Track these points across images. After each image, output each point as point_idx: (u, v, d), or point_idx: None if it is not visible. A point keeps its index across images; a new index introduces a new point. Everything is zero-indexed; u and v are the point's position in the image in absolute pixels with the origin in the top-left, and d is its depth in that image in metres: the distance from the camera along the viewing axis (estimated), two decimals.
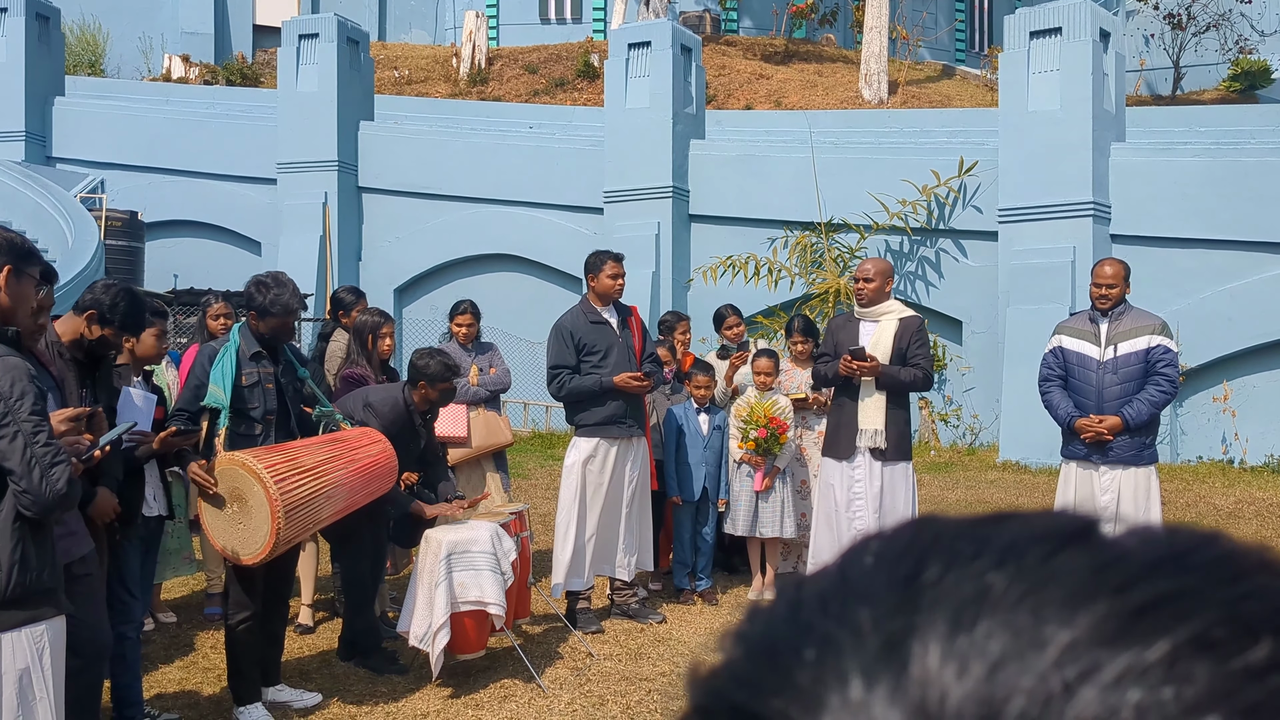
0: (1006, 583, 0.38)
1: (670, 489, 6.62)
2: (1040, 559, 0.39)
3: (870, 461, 6.05)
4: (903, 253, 14.10)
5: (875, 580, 0.40)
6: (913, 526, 0.43)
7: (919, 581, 0.39)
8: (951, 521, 0.43)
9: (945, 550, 0.40)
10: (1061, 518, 0.42)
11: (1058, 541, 0.40)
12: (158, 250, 17.68)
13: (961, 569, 0.39)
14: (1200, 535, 0.41)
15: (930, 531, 0.42)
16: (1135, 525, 0.42)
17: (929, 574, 0.39)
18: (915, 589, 0.39)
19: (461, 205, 16.74)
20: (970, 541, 0.40)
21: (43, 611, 2.96)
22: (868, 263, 6.25)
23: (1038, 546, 0.39)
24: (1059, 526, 0.41)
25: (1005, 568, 0.38)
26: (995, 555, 0.39)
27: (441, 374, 5.34)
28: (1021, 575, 0.38)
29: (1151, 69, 24.76)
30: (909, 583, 0.39)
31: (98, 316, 3.97)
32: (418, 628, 4.91)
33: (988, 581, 0.38)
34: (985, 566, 0.39)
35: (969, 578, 0.38)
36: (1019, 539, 0.40)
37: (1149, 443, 5.73)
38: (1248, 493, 10.24)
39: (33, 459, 2.86)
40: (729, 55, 23.98)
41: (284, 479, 4.25)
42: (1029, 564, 0.38)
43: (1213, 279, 12.22)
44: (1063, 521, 0.41)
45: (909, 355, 5.99)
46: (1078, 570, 0.38)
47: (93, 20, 26.90)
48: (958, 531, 0.41)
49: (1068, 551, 0.39)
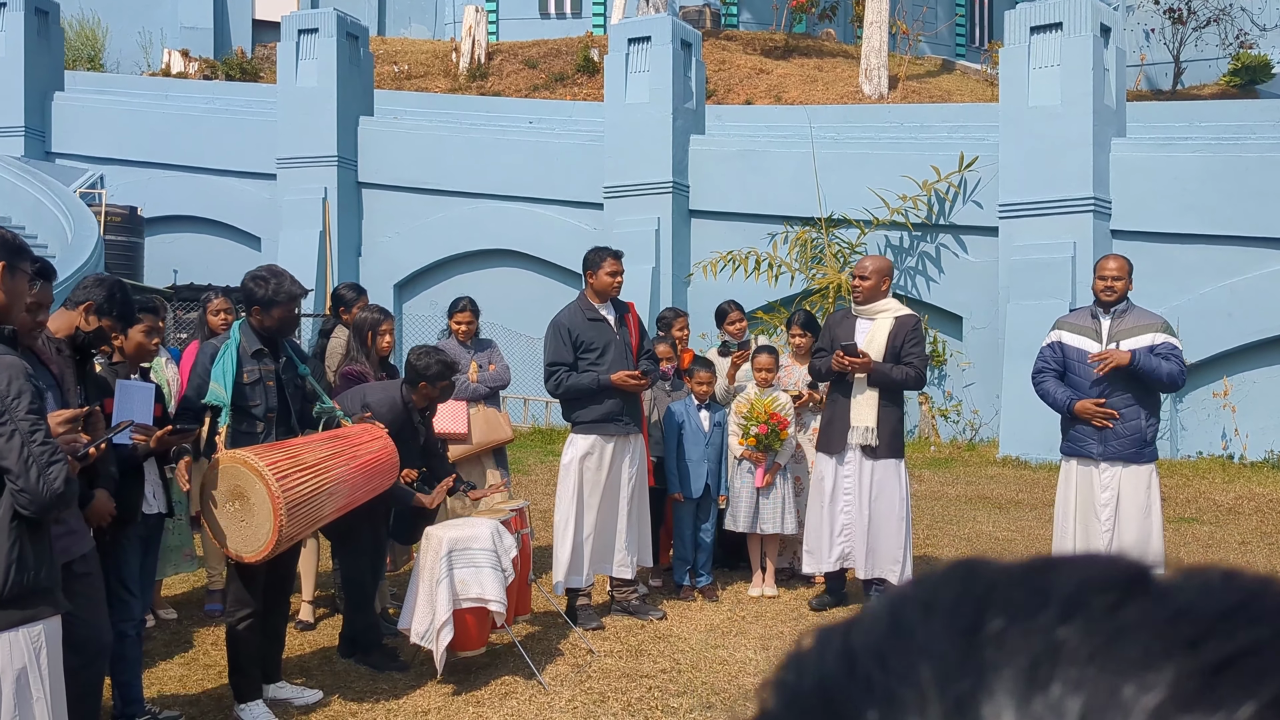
0: (1078, 638, 0.36)
1: (672, 486, 6.61)
2: (1105, 611, 0.37)
3: (860, 458, 6.08)
4: (903, 248, 14.09)
5: (933, 632, 0.38)
6: (961, 572, 0.41)
7: (981, 635, 0.37)
8: (1000, 568, 0.41)
9: (1004, 601, 0.38)
10: (1115, 565, 0.40)
11: (1119, 591, 0.38)
12: (157, 245, 17.68)
13: (1026, 622, 0.37)
14: (1257, 581, 0.40)
15: (982, 579, 0.40)
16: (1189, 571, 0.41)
17: (991, 626, 0.37)
18: (978, 643, 0.37)
19: (461, 201, 16.73)
20: (1028, 591, 0.39)
21: (40, 611, 2.96)
22: (866, 260, 6.27)
23: (1100, 597, 0.38)
24: (1116, 575, 0.39)
25: (1073, 621, 0.37)
26: (1059, 607, 0.37)
27: (439, 373, 5.33)
28: (1090, 630, 0.36)
29: (1152, 64, 24.73)
30: (971, 636, 0.37)
31: (95, 307, 3.98)
32: (419, 625, 4.91)
33: (1058, 636, 0.36)
34: (1052, 620, 0.37)
35: (1036, 632, 0.37)
36: (1079, 589, 0.38)
37: (1149, 440, 5.73)
38: (1248, 488, 10.24)
39: (30, 458, 2.85)
40: (729, 50, 23.95)
41: (286, 476, 4.24)
42: (1095, 617, 0.37)
43: (1213, 274, 12.21)
44: (1118, 569, 0.40)
45: (903, 353, 6.03)
46: (1146, 624, 0.37)
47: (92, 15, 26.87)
48: (1012, 580, 0.40)
49: (1132, 603, 0.38)
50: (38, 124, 18.79)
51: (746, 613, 6.26)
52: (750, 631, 5.87)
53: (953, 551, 7.71)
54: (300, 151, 16.99)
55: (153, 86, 22.66)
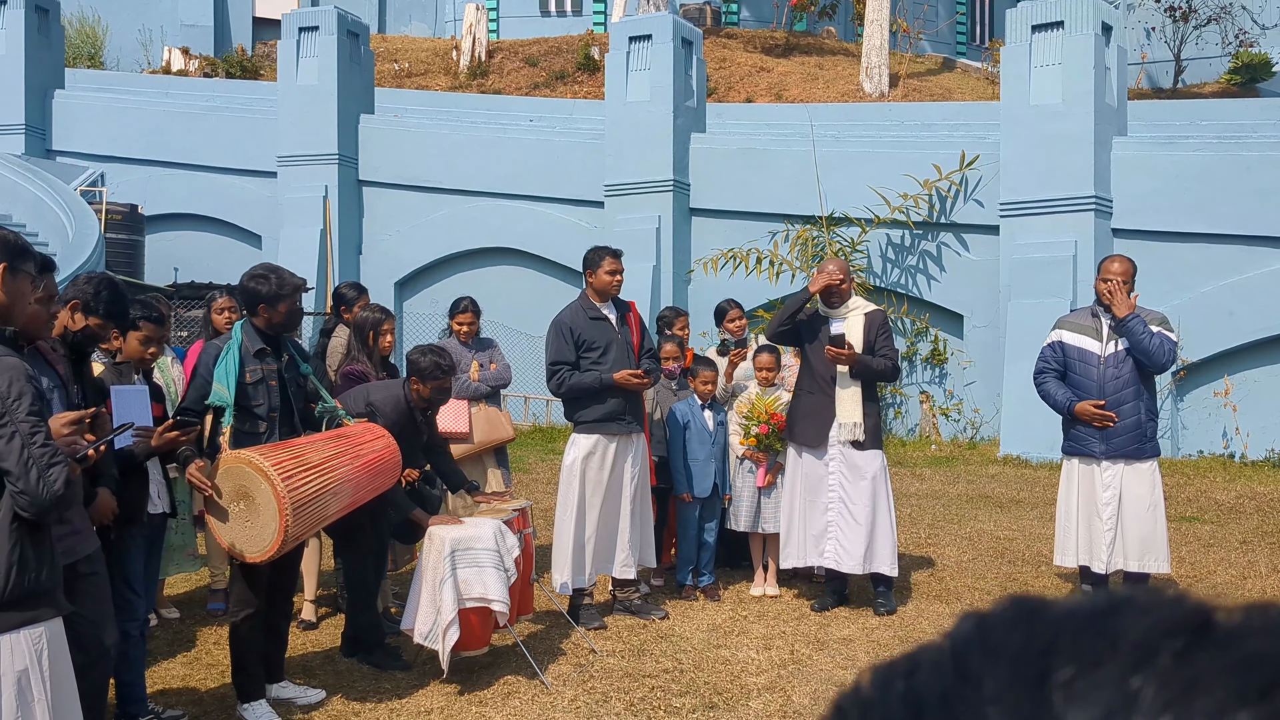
0: (1152, 689, 0.36)
1: (678, 486, 6.61)
2: (1174, 659, 0.37)
3: (843, 453, 6.12)
4: (904, 246, 14.08)
5: (1001, 680, 0.38)
6: (1022, 614, 0.41)
7: (1050, 683, 0.37)
8: (1063, 610, 0.41)
9: (1071, 647, 0.38)
10: (1179, 607, 0.40)
11: (1187, 636, 0.38)
12: (158, 243, 17.67)
13: (1096, 671, 0.37)
14: None
15: (1046, 622, 0.40)
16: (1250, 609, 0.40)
17: (1060, 675, 0.37)
18: (1048, 692, 0.37)
19: (462, 199, 16.72)
20: (1095, 636, 0.38)
21: (41, 613, 2.96)
22: (831, 264, 6.33)
23: (1168, 643, 0.38)
24: (1182, 619, 0.39)
25: (1143, 670, 0.36)
26: (1129, 655, 0.37)
27: (430, 370, 5.33)
28: (1163, 679, 0.36)
29: (1152, 62, 24.72)
30: (1040, 685, 0.37)
31: (81, 305, 3.97)
32: (422, 625, 4.91)
33: (1131, 686, 0.36)
34: (1123, 669, 0.37)
35: (1108, 682, 0.36)
36: (1148, 635, 0.38)
37: (1149, 435, 5.74)
38: (1248, 487, 10.24)
39: (30, 460, 2.85)
40: (729, 48, 23.94)
41: (291, 476, 4.24)
42: (1165, 666, 0.37)
43: (1214, 273, 12.21)
44: (1183, 612, 0.40)
45: (877, 347, 6.18)
46: (1217, 671, 0.36)
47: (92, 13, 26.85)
48: (1077, 623, 0.39)
49: (1202, 650, 0.37)
50: (38, 122, 18.77)
51: (748, 612, 6.26)
52: (752, 631, 5.88)
53: (954, 551, 7.72)
54: (301, 149, 16.98)
55: (153, 84, 22.65)
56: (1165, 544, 5.78)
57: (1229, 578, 6.95)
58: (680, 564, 6.72)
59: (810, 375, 6.26)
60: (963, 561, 7.40)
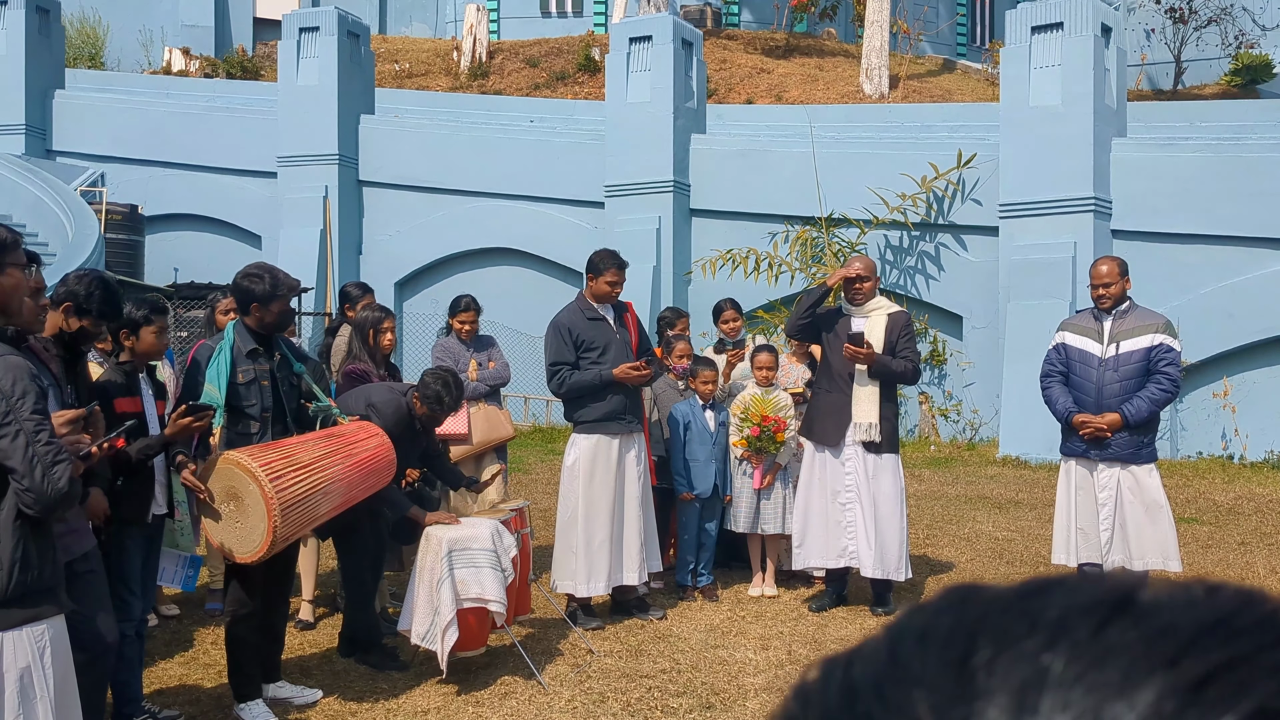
0: (1062, 663, 0.37)
1: (679, 486, 6.60)
2: (1090, 634, 0.38)
3: (861, 453, 6.10)
4: (902, 248, 14.09)
5: (928, 664, 0.39)
6: (955, 600, 0.42)
7: (972, 664, 0.39)
8: (993, 595, 0.42)
9: (994, 628, 0.40)
10: (1104, 584, 0.42)
11: (1103, 613, 0.39)
12: (158, 244, 17.68)
13: (1014, 650, 0.38)
14: (1241, 595, 0.40)
15: (975, 607, 0.41)
16: (1175, 586, 0.42)
17: (981, 656, 0.39)
18: (970, 672, 0.38)
19: (462, 199, 16.73)
20: (1017, 617, 0.40)
21: (44, 610, 2.96)
22: (857, 261, 6.31)
23: (1086, 620, 0.39)
24: (1103, 596, 0.40)
25: (1058, 646, 0.38)
26: (1046, 633, 0.39)
27: (435, 401, 5.33)
28: (1075, 653, 0.38)
29: (1153, 63, 24.72)
30: (963, 665, 0.39)
31: (74, 308, 3.96)
32: (419, 626, 4.91)
33: (1043, 663, 0.38)
34: (1038, 646, 0.38)
35: (1023, 659, 0.38)
36: (1066, 613, 0.40)
37: (1148, 440, 5.74)
38: (1247, 488, 10.25)
39: (35, 458, 2.86)
40: (730, 49, 23.95)
41: (280, 477, 4.24)
42: (1080, 640, 0.38)
43: (1213, 274, 12.21)
44: (1106, 589, 0.41)
45: (898, 349, 6.13)
46: (1129, 644, 0.38)
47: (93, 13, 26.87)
48: (1002, 606, 0.41)
49: (1116, 624, 0.39)
50: (38, 122, 18.79)
51: (746, 613, 6.26)
52: (750, 631, 5.88)
53: (953, 551, 7.72)
54: (301, 150, 16.99)
55: (153, 84, 22.67)
56: (1175, 544, 5.78)
57: (1227, 579, 6.95)
58: (680, 565, 6.71)
59: (829, 374, 6.23)
60: (961, 562, 7.41)
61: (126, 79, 23.22)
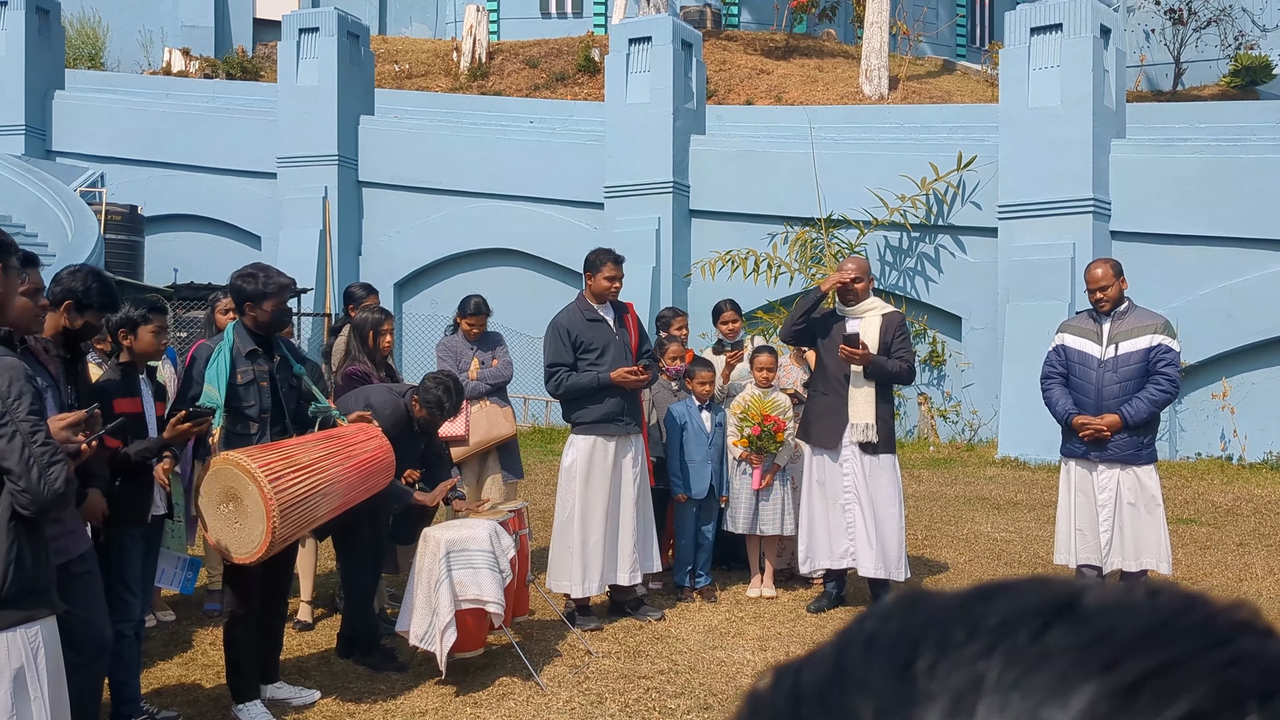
0: (999, 669, 0.38)
1: (675, 487, 6.60)
2: (1029, 639, 0.39)
3: (858, 454, 6.11)
4: (901, 249, 14.09)
5: (871, 670, 0.40)
6: (905, 606, 0.43)
7: (913, 670, 0.39)
8: (941, 600, 0.42)
9: (936, 635, 0.40)
10: (1049, 588, 0.42)
11: (1044, 618, 0.40)
12: (158, 244, 17.68)
13: (954, 655, 0.39)
14: (1182, 599, 0.41)
15: (923, 613, 0.42)
16: (1121, 589, 0.42)
17: (922, 663, 0.39)
18: (911, 678, 0.39)
19: (462, 200, 16.73)
20: (961, 624, 0.40)
21: (37, 611, 2.97)
22: (850, 263, 6.31)
23: (1026, 625, 0.39)
24: (1046, 601, 0.41)
25: (996, 653, 0.38)
26: (986, 639, 0.39)
27: (434, 407, 5.34)
28: (1012, 658, 0.38)
29: (1152, 64, 24.72)
30: (904, 672, 0.39)
31: (75, 305, 3.98)
32: (418, 627, 4.91)
33: (979, 670, 0.38)
34: (977, 652, 0.39)
35: (962, 665, 0.38)
36: (1008, 618, 0.40)
37: (1147, 441, 5.74)
38: (1246, 489, 10.25)
39: (31, 459, 2.86)
40: (729, 50, 23.96)
41: (279, 478, 4.24)
42: (1019, 646, 0.38)
43: (1212, 275, 12.22)
44: (1050, 594, 0.41)
45: (893, 349, 6.14)
46: (1067, 649, 0.38)
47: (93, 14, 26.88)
48: (949, 613, 0.41)
49: (1056, 629, 0.39)
50: (38, 122, 18.79)
51: (745, 614, 6.26)
52: (748, 633, 5.88)
53: (951, 553, 7.72)
54: (301, 150, 17.00)
55: (153, 85, 22.67)
56: (1167, 545, 5.78)
57: (1225, 580, 6.96)
58: (678, 566, 6.71)
59: (825, 376, 6.24)
60: (959, 563, 7.41)
61: (126, 79, 23.23)
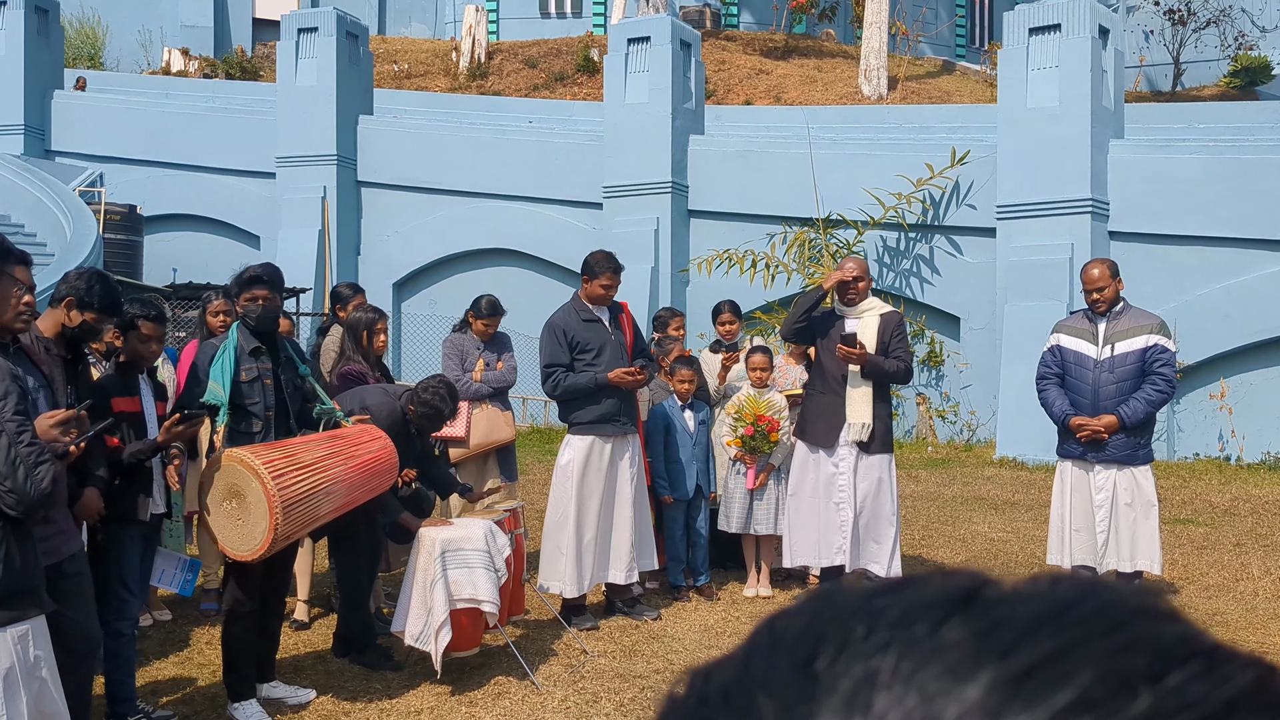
0: (894, 661, 0.38)
1: (660, 488, 6.59)
2: (927, 632, 0.39)
3: (854, 453, 6.10)
4: (899, 250, 14.10)
5: (775, 668, 0.40)
6: (814, 603, 0.43)
7: (814, 667, 0.39)
8: (849, 596, 0.42)
9: (838, 631, 0.40)
10: (952, 581, 0.42)
11: (944, 610, 0.40)
12: (156, 244, 17.69)
13: (852, 651, 0.39)
14: (1082, 586, 0.41)
15: (828, 610, 0.42)
16: (1023, 580, 0.42)
17: (823, 659, 0.39)
18: (811, 676, 0.39)
19: (461, 200, 16.74)
20: (862, 619, 0.40)
21: (27, 611, 2.97)
22: (850, 263, 6.29)
23: (925, 618, 0.39)
24: (947, 592, 0.41)
25: (892, 646, 0.38)
26: (883, 633, 0.39)
27: (428, 413, 5.33)
28: (909, 652, 0.38)
29: (1151, 65, 24.73)
30: (805, 669, 0.39)
31: (76, 302, 3.98)
32: (413, 627, 4.91)
33: (875, 665, 0.38)
34: (875, 646, 0.39)
35: (858, 659, 0.38)
36: (907, 612, 0.40)
37: (1144, 442, 5.74)
38: (1244, 490, 10.25)
39: (17, 459, 2.86)
40: (729, 50, 23.96)
41: (282, 475, 4.24)
42: (916, 638, 0.38)
43: (1211, 276, 12.22)
44: (953, 586, 0.41)
45: (891, 348, 6.13)
46: (963, 640, 0.38)
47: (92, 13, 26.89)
48: (853, 608, 0.41)
49: (953, 620, 0.39)
50: (37, 122, 18.80)
51: (741, 613, 6.26)
52: (744, 632, 5.83)
53: (948, 553, 7.72)
54: (300, 150, 17.00)
55: (152, 85, 22.69)
56: (1158, 545, 5.78)
57: (1221, 580, 6.96)
58: (670, 565, 6.71)
59: (822, 375, 6.23)
60: (957, 563, 7.41)
61: (126, 79, 23.24)
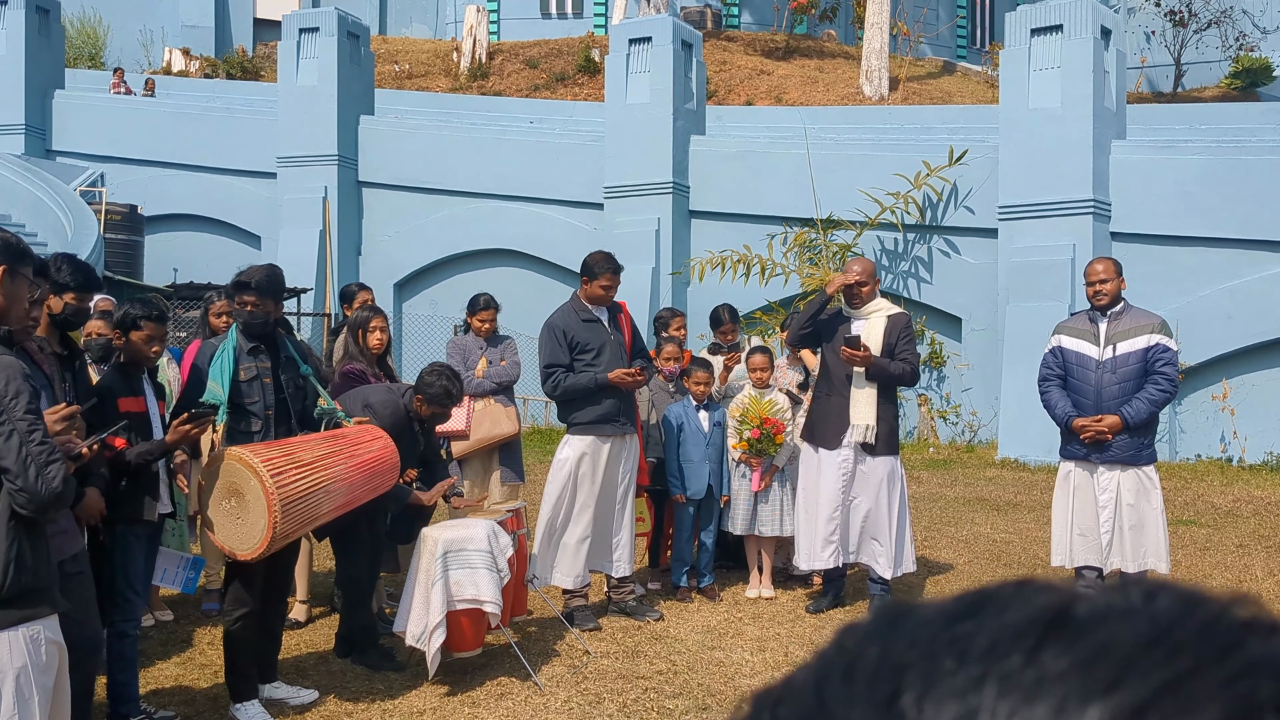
0: (994, 699, 0.35)
1: (673, 488, 6.59)
2: (1023, 662, 0.36)
3: (858, 455, 6.10)
4: (898, 252, 14.09)
5: (854, 705, 0.37)
6: (886, 626, 0.40)
7: (899, 706, 0.36)
8: (924, 619, 0.40)
9: (922, 662, 0.37)
10: (1038, 599, 0.39)
11: (1036, 636, 0.37)
12: (157, 244, 17.69)
13: (943, 686, 0.36)
14: (1179, 601, 0.38)
15: (905, 636, 0.39)
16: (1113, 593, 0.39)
17: (908, 696, 0.36)
18: (897, 715, 0.36)
19: (461, 200, 16.74)
20: (946, 647, 0.37)
21: (39, 610, 2.96)
22: (856, 264, 6.28)
23: (1018, 646, 0.37)
24: (1035, 614, 0.38)
25: (989, 681, 0.36)
26: (977, 665, 0.36)
27: (441, 398, 5.33)
28: (1006, 687, 0.35)
29: (1153, 66, 24.73)
30: (889, 708, 0.36)
31: (53, 287, 4.00)
32: (414, 627, 4.90)
33: (972, 703, 0.35)
34: (968, 682, 0.36)
35: (952, 697, 0.36)
36: (997, 639, 0.37)
37: (1147, 442, 5.73)
38: (1246, 491, 10.24)
39: (28, 458, 2.86)
40: (730, 51, 23.96)
41: (281, 473, 4.24)
42: (1011, 671, 0.36)
43: (1212, 277, 12.21)
44: (1039, 606, 0.38)
45: (897, 350, 6.11)
46: (1064, 671, 0.35)
47: (93, 13, 26.90)
48: (932, 634, 0.38)
49: (1049, 647, 0.36)
50: (38, 122, 18.79)
51: (744, 614, 6.26)
52: (747, 633, 5.87)
53: (951, 554, 7.72)
54: (301, 150, 17.00)
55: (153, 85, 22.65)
56: (1166, 545, 5.77)
57: (1224, 581, 6.95)
58: (675, 566, 6.70)
59: (829, 377, 6.22)
60: (959, 564, 7.41)
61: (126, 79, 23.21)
